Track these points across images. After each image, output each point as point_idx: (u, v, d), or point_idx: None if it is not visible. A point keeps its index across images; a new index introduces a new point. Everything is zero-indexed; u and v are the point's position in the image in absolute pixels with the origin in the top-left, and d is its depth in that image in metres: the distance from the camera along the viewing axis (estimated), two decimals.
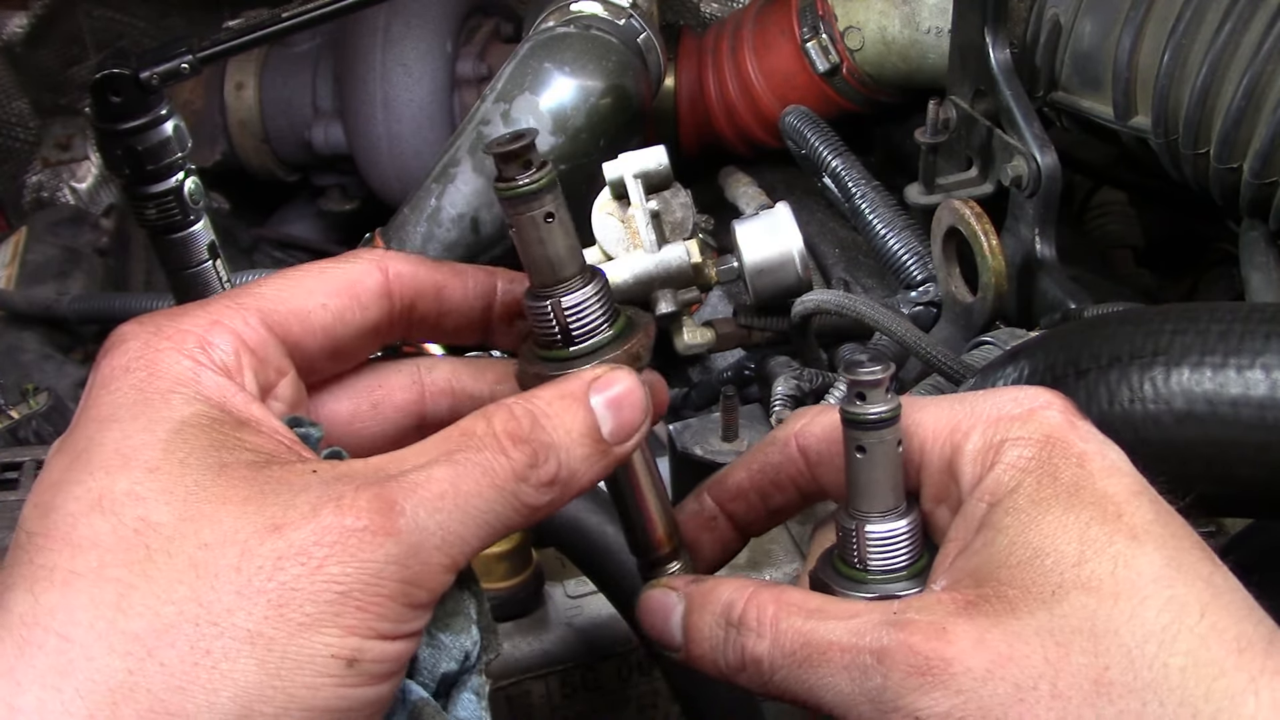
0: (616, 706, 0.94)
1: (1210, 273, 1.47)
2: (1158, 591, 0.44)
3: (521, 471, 0.46)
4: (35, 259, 1.58)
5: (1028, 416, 0.50)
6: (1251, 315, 0.65)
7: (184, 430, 0.44)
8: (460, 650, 0.51)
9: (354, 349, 0.54)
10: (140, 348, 0.47)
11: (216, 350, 0.47)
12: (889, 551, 0.52)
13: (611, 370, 0.50)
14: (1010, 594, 0.46)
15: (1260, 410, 0.62)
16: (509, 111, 1.34)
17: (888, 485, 0.51)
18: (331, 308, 0.52)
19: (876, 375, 0.49)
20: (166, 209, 0.80)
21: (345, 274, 0.52)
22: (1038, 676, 0.43)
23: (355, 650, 0.42)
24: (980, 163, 1.18)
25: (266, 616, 0.41)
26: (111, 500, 0.42)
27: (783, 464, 0.56)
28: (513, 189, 0.50)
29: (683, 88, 1.72)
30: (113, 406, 0.45)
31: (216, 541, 0.41)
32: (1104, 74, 1.14)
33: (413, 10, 1.68)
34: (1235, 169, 1.03)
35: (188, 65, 0.77)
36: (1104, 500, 0.47)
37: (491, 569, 0.91)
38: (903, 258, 1.24)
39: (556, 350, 0.52)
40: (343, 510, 0.42)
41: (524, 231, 0.51)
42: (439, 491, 0.44)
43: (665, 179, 1.04)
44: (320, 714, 0.41)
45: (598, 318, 0.52)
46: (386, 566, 0.42)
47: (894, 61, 1.52)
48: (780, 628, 0.49)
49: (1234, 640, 0.43)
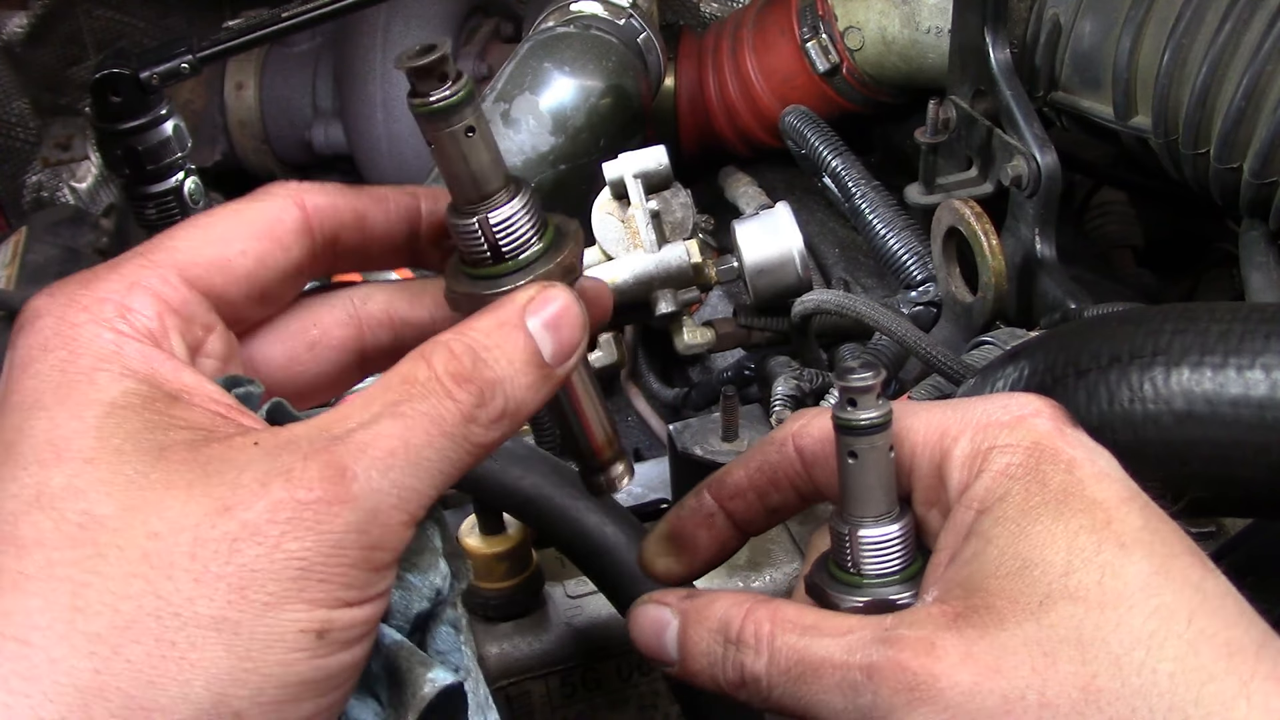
0: (616, 706, 0.94)
1: (1210, 273, 1.47)
2: (1145, 599, 0.44)
3: (469, 413, 0.45)
4: (35, 259, 1.58)
5: (1016, 423, 0.50)
6: (1251, 315, 0.65)
7: (115, 413, 0.42)
8: (430, 588, 0.50)
9: (280, 291, 0.51)
10: (55, 323, 0.44)
11: (137, 316, 0.45)
12: (882, 556, 0.52)
13: (545, 288, 0.48)
14: (999, 605, 0.46)
15: (1260, 410, 0.62)
16: (509, 111, 1.34)
17: (880, 490, 0.51)
18: (251, 253, 0.49)
19: (867, 381, 0.49)
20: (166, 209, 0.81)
21: (262, 214, 0.50)
22: (1025, 687, 0.44)
23: (324, 622, 0.41)
24: (980, 163, 1.18)
25: (229, 601, 0.40)
26: (50, 496, 0.40)
27: (780, 464, 0.56)
28: (429, 105, 0.47)
29: (683, 88, 1.72)
30: (36, 392, 0.43)
31: (166, 530, 0.40)
32: (1104, 74, 1.14)
33: (413, 10, 1.69)
34: (1235, 169, 1.03)
35: (188, 65, 0.77)
36: (1093, 507, 0.47)
37: (491, 569, 0.91)
38: (903, 258, 1.24)
39: (486, 268, 0.50)
40: (293, 483, 0.41)
41: (444, 149, 0.48)
42: (389, 449, 0.42)
43: (665, 179, 1.04)
44: (296, 688, 0.41)
45: (526, 231, 0.50)
46: (346, 535, 0.41)
47: (894, 61, 1.52)
48: (776, 645, 0.49)
49: (1223, 645, 0.43)
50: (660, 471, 1.05)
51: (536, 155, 1.34)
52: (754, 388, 1.23)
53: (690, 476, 1.01)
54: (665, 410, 1.40)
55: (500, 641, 0.91)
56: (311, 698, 0.41)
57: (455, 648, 0.51)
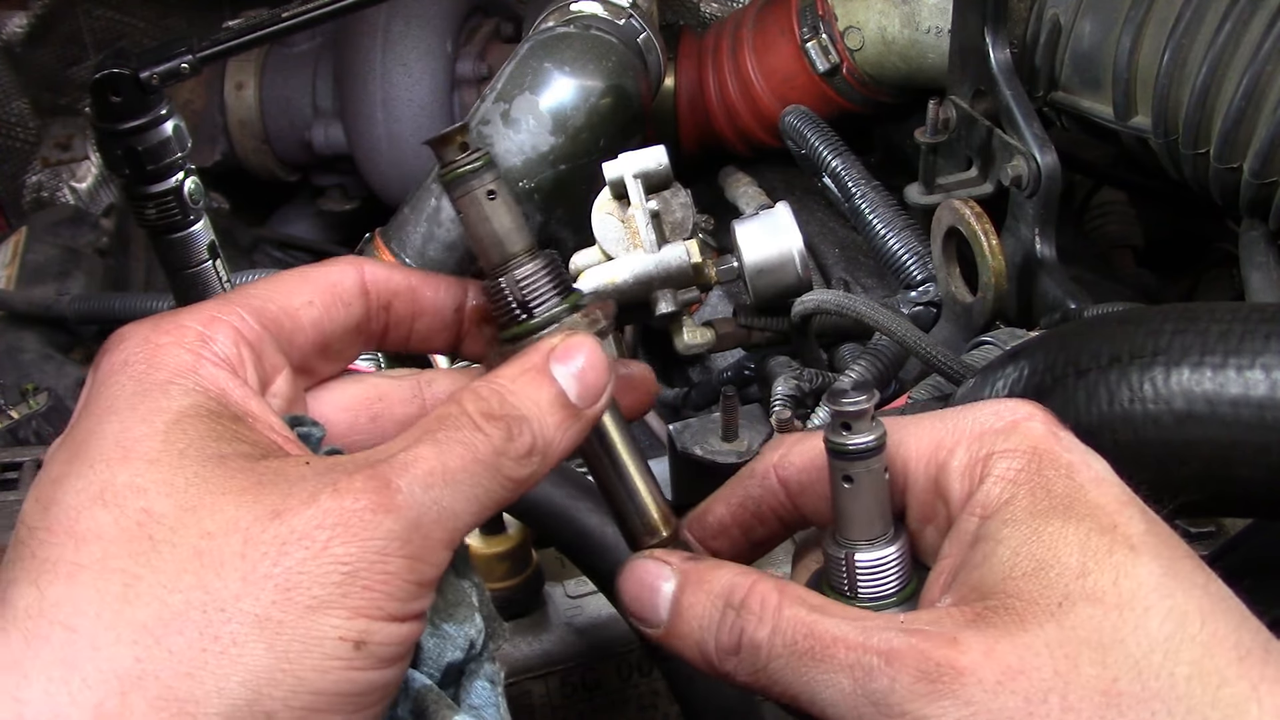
0: (616, 706, 0.94)
1: (1210, 273, 1.47)
2: (1159, 601, 0.44)
3: (500, 446, 0.47)
4: (35, 259, 1.58)
5: (1011, 429, 0.50)
6: (1251, 315, 0.65)
7: (182, 421, 0.45)
8: (465, 639, 0.51)
9: (341, 347, 0.55)
10: (139, 343, 0.47)
11: (216, 344, 0.48)
12: (879, 579, 0.51)
13: (568, 336, 0.51)
14: (1018, 606, 0.45)
15: (1260, 410, 0.62)
16: (509, 111, 1.34)
17: (875, 512, 0.51)
18: (317, 304, 0.53)
19: (861, 405, 0.48)
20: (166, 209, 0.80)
21: (325, 274, 0.54)
22: (1048, 689, 0.43)
23: (363, 633, 0.42)
24: (980, 163, 1.18)
25: (274, 601, 0.41)
26: (113, 492, 0.42)
27: (763, 497, 0.56)
28: (454, 170, 0.52)
29: (683, 88, 1.72)
30: (111, 399, 0.45)
31: (219, 530, 0.42)
32: (1104, 74, 1.14)
33: (413, 10, 1.69)
34: (1235, 169, 1.03)
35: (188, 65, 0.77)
36: (1098, 512, 0.47)
37: (491, 569, 0.91)
38: (903, 258, 1.24)
39: (515, 328, 0.53)
40: (340, 493, 0.43)
41: (469, 212, 0.52)
42: (429, 469, 0.45)
43: (665, 179, 1.04)
44: (329, 697, 0.42)
45: (550, 289, 0.53)
46: (390, 543, 0.43)
47: (894, 61, 1.52)
48: (784, 614, 0.48)
49: (1234, 648, 0.44)
50: (660, 471, 1.05)
51: (536, 155, 1.34)
52: (754, 388, 1.23)
53: (690, 476, 1.01)
54: (665, 410, 1.40)
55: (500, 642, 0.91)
56: (342, 711, 0.42)
57: (490, 703, 0.52)
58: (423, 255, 1.38)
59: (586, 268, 1.06)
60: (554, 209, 1.36)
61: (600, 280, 1.05)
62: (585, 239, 1.07)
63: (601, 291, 1.06)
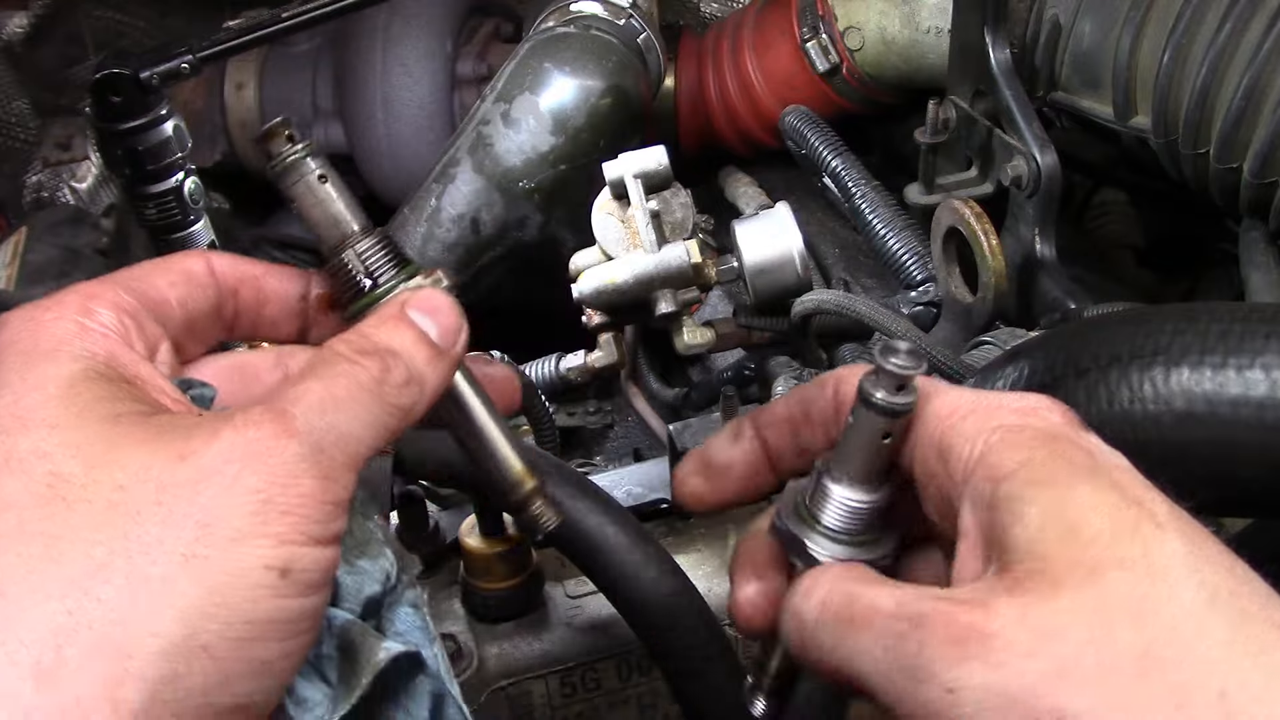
0: (616, 706, 0.94)
1: (1210, 273, 1.47)
2: (1188, 575, 0.44)
3: (379, 375, 0.49)
4: (35, 259, 1.58)
5: (1030, 411, 0.50)
6: (1251, 315, 0.65)
7: (75, 384, 0.45)
8: (381, 572, 0.53)
9: (204, 327, 0.56)
10: (23, 321, 0.48)
11: (99, 315, 0.49)
12: (851, 518, 0.53)
13: (417, 289, 0.54)
14: (1050, 571, 0.45)
15: (1260, 410, 0.62)
16: (509, 111, 1.34)
17: (873, 462, 0.52)
18: (178, 285, 0.54)
19: (911, 371, 0.50)
20: (166, 209, 0.81)
21: (179, 260, 0.56)
22: (1080, 654, 0.43)
23: (287, 559, 0.43)
24: (980, 163, 1.18)
25: (196, 538, 0.42)
26: (18, 460, 0.43)
27: (817, 400, 0.57)
28: (284, 160, 0.55)
29: (683, 88, 1.72)
30: (1, 374, 0.46)
31: (130, 481, 0.43)
32: (1104, 74, 1.14)
33: (413, 10, 1.68)
34: (1235, 169, 1.03)
35: (188, 65, 0.77)
36: (1121, 487, 0.47)
37: (491, 569, 0.91)
38: (903, 258, 1.24)
39: (362, 300, 0.55)
40: (240, 427, 0.44)
41: (304, 198, 0.55)
42: (319, 398, 0.46)
43: (665, 179, 1.04)
44: (261, 625, 0.42)
45: (390, 262, 0.55)
46: (298, 465, 0.44)
47: (894, 61, 1.52)
48: (829, 587, 0.49)
49: (1264, 622, 0.43)
50: (660, 471, 1.05)
51: (536, 155, 1.34)
52: (754, 388, 1.23)
53: None
54: (665, 410, 1.40)
55: (500, 641, 0.91)
56: (276, 639, 0.43)
57: (416, 626, 0.53)
58: (423, 255, 1.38)
59: (586, 268, 1.06)
60: (554, 209, 1.36)
61: (600, 280, 1.05)
62: (585, 239, 1.07)
63: (602, 291, 1.06)
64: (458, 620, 0.92)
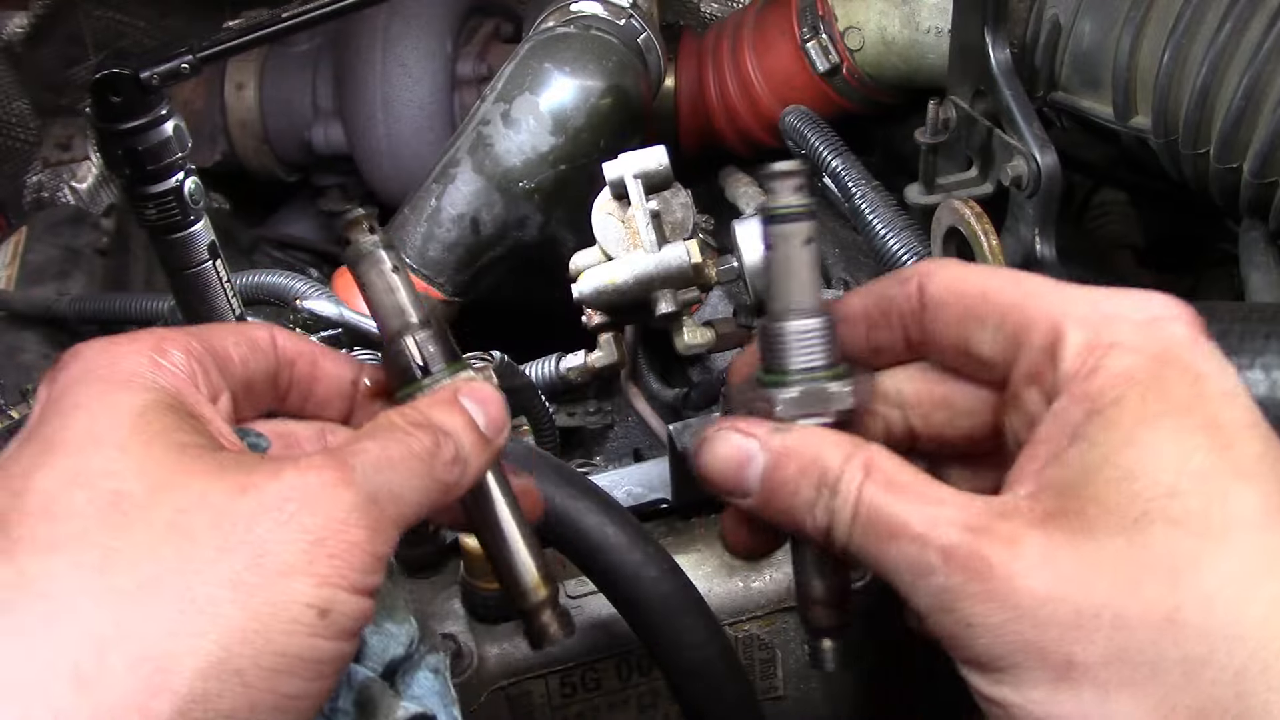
0: (616, 706, 0.94)
1: (1210, 273, 1.47)
2: (1248, 536, 0.42)
3: (431, 448, 0.51)
4: (35, 259, 1.58)
5: (1149, 324, 0.47)
6: (1251, 315, 0.65)
7: (146, 413, 0.48)
8: (406, 636, 0.55)
9: (259, 392, 0.59)
10: (99, 351, 0.50)
11: (171, 354, 0.52)
12: (806, 348, 0.53)
13: (470, 379, 0.57)
14: (1090, 513, 0.44)
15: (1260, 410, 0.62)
16: (509, 111, 1.34)
17: (802, 286, 0.53)
18: (242, 346, 0.57)
19: (790, 168, 0.52)
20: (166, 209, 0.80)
21: (244, 327, 0.59)
22: (1101, 605, 0.42)
23: (328, 600, 0.45)
24: (980, 163, 1.18)
25: (247, 566, 0.43)
26: (87, 476, 0.45)
27: (898, 299, 0.55)
28: (361, 249, 0.59)
29: (683, 88, 1.72)
30: (76, 398, 0.48)
31: (191, 506, 0.44)
32: (1104, 74, 1.14)
33: (413, 10, 1.68)
34: (1235, 169, 1.03)
35: (188, 65, 0.77)
36: (1214, 428, 0.44)
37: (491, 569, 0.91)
38: (903, 258, 1.24)
39: (418, 383, 0.58)
40: (303, 469, 0.46)
41: (377, 284, 0.59)
42: (376, 456, 0.49)
43: (665, 179, 1.04)
44: (292, 660, 0.44)
45: (445, 354, 0.59)
46: (351, 513, 0.46)
47: (894, 61, 1.52)
48: (864, 497, 0.49)
49: None
50: (660, 471, 1.05)
51: (536, 155, 1.34)
52: None
53: (690, 476, 1.01)
54: (665, 410, 1.40)
55: (500, 641, 0.91)
56: (302, 677, 0.44)
57: (433, 691, 0.56)
58: (423, 255, 1.38)
59: (586, 268, 1.06)
60: (554, 209, 1.36)
61: (600, 280, 1.05)
62: (585, 239, 1.07)
63: (602, 291, 1.06)
64: (458, 620, 0.92)
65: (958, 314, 0.53)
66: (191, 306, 0.86)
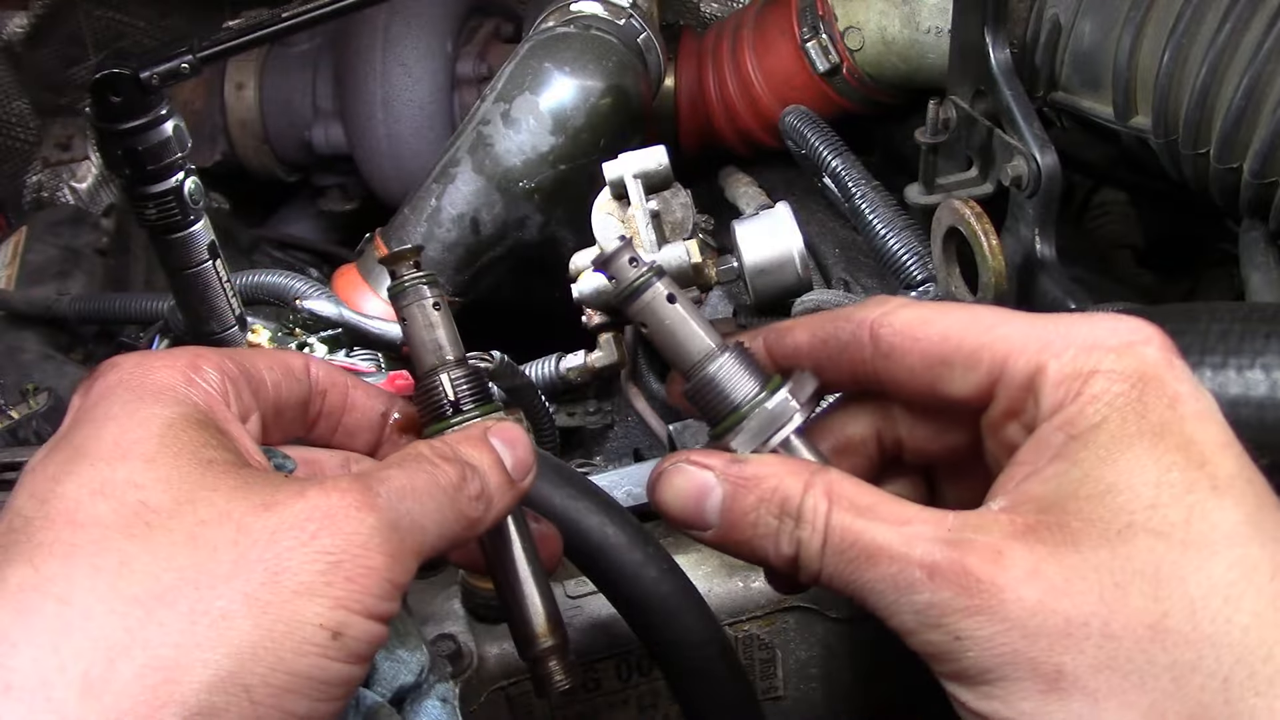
0: (616, 706, 0.94)
1: (1210, 273, 1.47)
2: (1230, 547, 0.43)
3: (457, 482, 0.51)
4: (35, 259, 1.58)
5: (1124, 349, 0.48)
6: (1251, 315, 0.65)
7: (175, 427, 0.48)
8: (417, 664, 0.55)
9: (293, 415, 0.59)
10: (133, 365, 0.51)
11: (205, 372, 0.52)
12: (732, 382, 0.54)
13: (500, 420, 0.57)
14: (1074, 526, 0.44)
15: (1260, 410, 0.62)
16: (509, 111, 1.34)
17: (694, 334, 0.55)
18: (275, 371, 0.58)
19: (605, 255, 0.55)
20: (166, 209, 0.80)
21: (279, 353, 0.60)
22: (1090, 614, 0.42)
23: (341, 623, 0.44)
24: (980, 163, 1.18)
25: (263, 583, 0.43)
26: (112, 486, 0.45)
27: (849, 345, 0.55)
28: (409, 283, 0.59)
29: (683, 88, 1.72)
30: (108, 407, 0.48)
31: (213, 519, 0.44)
32: (1104, 74, 1.14)
33: (413, 10, 1.68)
34: (1235, 169, 1.03)
35: (188, 65, 0.77)
36: (1190, 445, 0.45)
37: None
38: (903, 258, 1.24)
39: (444, 422, 0.58)
40: (327, 491, 0.46)
41: (417, 318, 0.60)
42: (400, 485, 0.49)
43: (665, 179, 1.04)
44: (301, 680, 0.44)
45: (478, 393, 0.59)
46: (372, 538, 0.46)
47: (894, 61, 1.52)
48: (833, 523, 0.49)
49: None
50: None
51: (536, 155, 1.34)
52: None
53: None
54: (665, 410, 1.40)
55: (500, 641, 0.91)
56: (310, 697, 0.44)
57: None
58: None
59: (586, 268, 1.06)
60: (554, 209, 1.36)
61: (600, 280, 1.05)
62: (585, 239, 1.07)
63: (602, 291, 1.06)
64: (458, 620, 0.92)
65: (919, 359, 0.53)
66: (191, 306, 0.86)
